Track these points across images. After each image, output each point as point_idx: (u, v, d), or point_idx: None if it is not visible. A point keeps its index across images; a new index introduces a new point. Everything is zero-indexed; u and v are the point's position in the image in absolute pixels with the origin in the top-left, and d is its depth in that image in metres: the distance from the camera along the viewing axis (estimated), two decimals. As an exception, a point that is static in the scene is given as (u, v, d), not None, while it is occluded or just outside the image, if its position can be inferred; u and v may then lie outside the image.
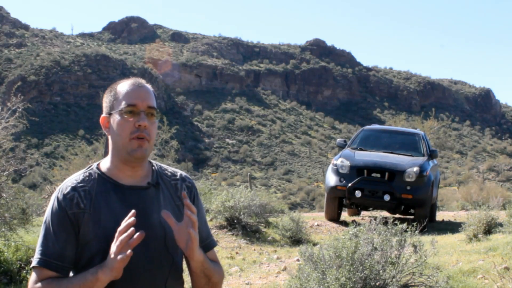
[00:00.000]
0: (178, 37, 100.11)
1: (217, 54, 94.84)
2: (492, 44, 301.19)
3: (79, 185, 2.08)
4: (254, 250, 9.04)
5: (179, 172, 2.26)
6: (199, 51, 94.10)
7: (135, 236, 1.92)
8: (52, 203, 2.08)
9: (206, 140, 73.47)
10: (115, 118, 2.09)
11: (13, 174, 8.86)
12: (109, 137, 2.14)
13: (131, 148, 2.07)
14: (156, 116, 2.14)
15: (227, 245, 9.16)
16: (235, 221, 9.84)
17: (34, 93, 67.11)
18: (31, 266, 2.08)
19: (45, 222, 2.08)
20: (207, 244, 2.24)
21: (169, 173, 2.23)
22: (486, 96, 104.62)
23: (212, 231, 9.76)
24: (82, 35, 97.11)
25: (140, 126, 2.06)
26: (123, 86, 2.14)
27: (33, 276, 2.05)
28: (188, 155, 64.50)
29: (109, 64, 76.63)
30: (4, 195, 8.30)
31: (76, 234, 2.04)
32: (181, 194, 2.17)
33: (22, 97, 9.06)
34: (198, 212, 2.20)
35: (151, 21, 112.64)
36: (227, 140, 74.91)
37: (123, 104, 2.08)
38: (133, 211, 1.96)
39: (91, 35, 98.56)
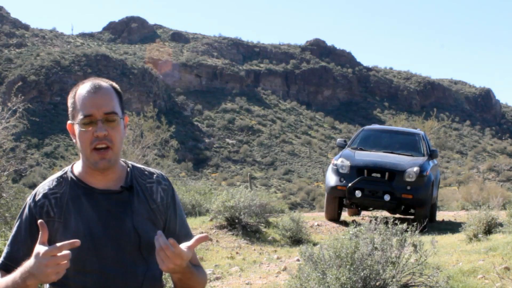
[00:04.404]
0: (178, 37, 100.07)
1: (217, 54, 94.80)
2: (492, 44, 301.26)
3: (51, 191, 2.06)
4: (254, 250, 9.04)
5: (155, 174, 2.19)
6: (199, 51, 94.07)
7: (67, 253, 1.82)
8: (25, 207, 2.07)
9: (206, 140, 73.47)
10: (76, 128, 2.06)
11: (13, 174, 8.87)
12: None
13: (93, 161, 2.03)
14: (118, 119, 2.06)
15: (227, 245, 9.16)
16: (235, 221, 9.84)
17: (34, 93, 67.05)
18: None
19: (19, 223, 2.06)
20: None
21: (144, 175, 2.17)
22: (486, 96, 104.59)
23: (212, 231, 9.76)
24: (82, 35, 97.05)
25: (98, 136, 2.02)
26: (81, 92, 2.07)
27: None
28: (188, 155, 64.54)
29: (109, 64, 76.57)
30: (5, 195, 8.32)
31: None
32: (157, 198, 2.13)
33: (22, 97, 9.07)
34: (176, 213, 2.18)
35: (151, 21, 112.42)
36: (227, 140, 74.91)
37: (80, 115, 2.03)
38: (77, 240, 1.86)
39: (91, 35, 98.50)
